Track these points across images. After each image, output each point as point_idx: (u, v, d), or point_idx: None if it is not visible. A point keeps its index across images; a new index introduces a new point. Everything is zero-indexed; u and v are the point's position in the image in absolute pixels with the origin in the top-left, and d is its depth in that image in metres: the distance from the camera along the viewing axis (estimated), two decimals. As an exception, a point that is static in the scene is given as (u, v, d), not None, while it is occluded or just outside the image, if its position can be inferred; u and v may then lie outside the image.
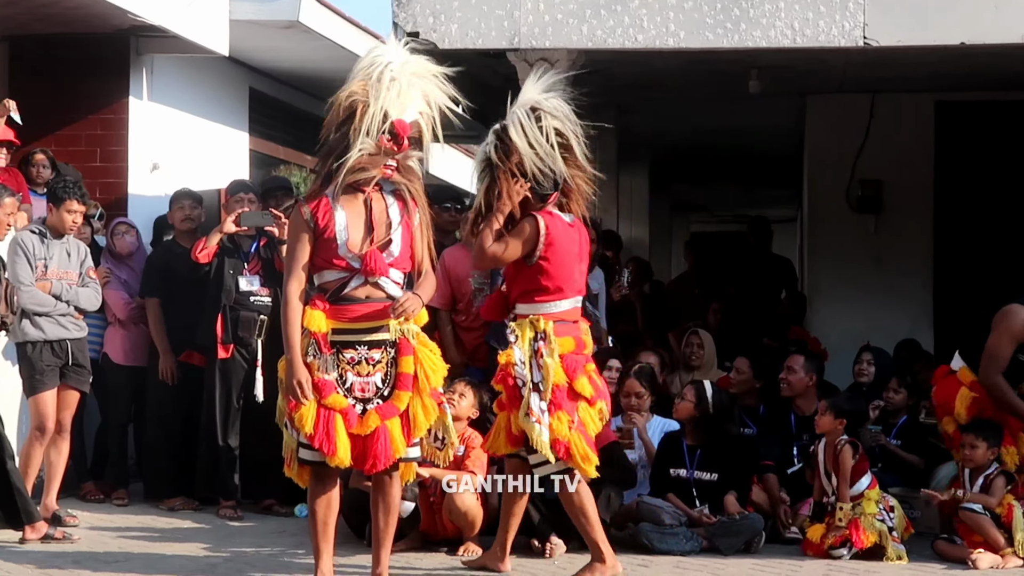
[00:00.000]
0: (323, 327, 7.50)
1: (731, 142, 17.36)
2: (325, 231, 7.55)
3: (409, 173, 7.75)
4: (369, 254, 7.55)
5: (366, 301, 7.58)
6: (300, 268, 7.57)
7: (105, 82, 12.75)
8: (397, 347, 7.58)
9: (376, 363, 7.56)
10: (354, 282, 7.57)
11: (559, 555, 8.98)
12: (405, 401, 7.57)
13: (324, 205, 7.61)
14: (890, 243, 14.14)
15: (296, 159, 16.24)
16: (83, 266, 10.08)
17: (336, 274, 7.59)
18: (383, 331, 7.57)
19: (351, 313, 7.56)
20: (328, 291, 7.59)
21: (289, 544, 9.44)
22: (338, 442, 7.45)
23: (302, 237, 7.59)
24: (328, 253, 7.57)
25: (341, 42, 14.25)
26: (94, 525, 10.03)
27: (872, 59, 11.52)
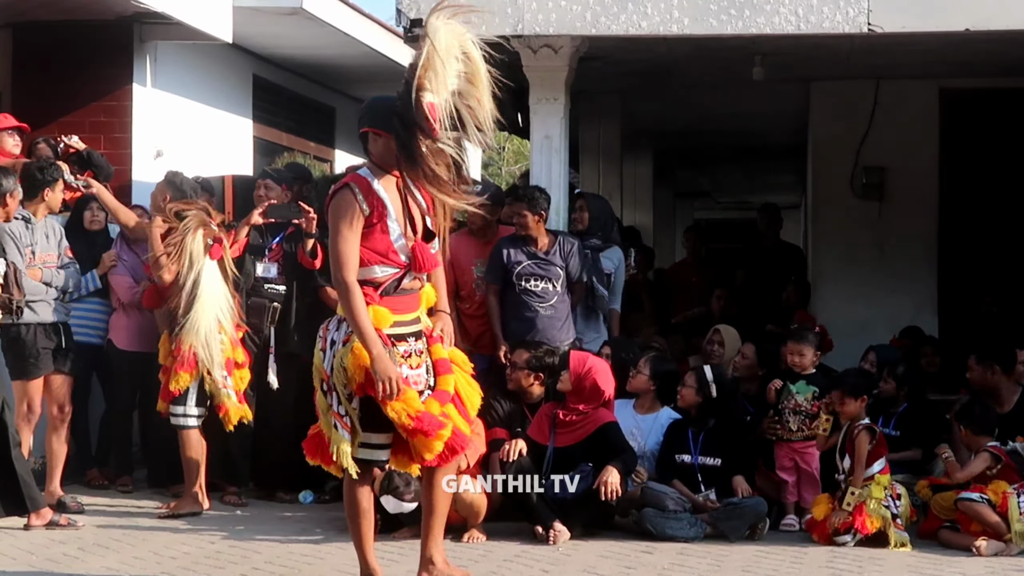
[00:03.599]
0: (387, 322, 7.15)
1: (735, 129, 17.36)
2: (378, 223, 7.15)
3: (439, 157, 7.21)
4: (419, 248, 7.23)
5: (411, 292, 7.32)
6: (356, 258, 7.11)
7: (108, 69, 12.75)
8: (426, 336, 7.36)
9: (420, 353, 7.28)
10: (408, 277, 7.26)
11: (562, 542, 8.99)
12: (452, 384, 7.32)
13: (372, 192, 7.18)
14: (894, 229, 14.13)
15: (300, 146, 16.25)
16: (60, 247, 10.06)
17: (389, 269, 7.18)
18: (420, 322, 7.34)
19: (403, 307, 7.25)
20: (380, 286, 7.19)
21: (293, 531, 9.46)
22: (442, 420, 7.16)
23: (355, 226, 7.10)
24: (381, 246, 7.15)
25: (345, 29, 14.27)
26: (99, 511, 10.04)
27: (876, 45, 11.51)
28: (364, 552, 7.43)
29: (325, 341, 7.30)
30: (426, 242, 7.26)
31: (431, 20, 6.97)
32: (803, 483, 9.79)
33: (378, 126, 7.20)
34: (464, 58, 7.10)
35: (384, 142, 7.17)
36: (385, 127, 7.12)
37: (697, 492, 9.54)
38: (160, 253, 10.06)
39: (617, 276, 11.24)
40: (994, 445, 9.30)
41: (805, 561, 8.66)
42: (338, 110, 17.53)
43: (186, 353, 9.96)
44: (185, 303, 9.91)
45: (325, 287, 10.74)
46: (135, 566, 8.29)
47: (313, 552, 8.75)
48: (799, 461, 9.80)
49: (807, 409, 9.78)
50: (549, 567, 8.34)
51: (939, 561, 8.65)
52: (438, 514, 7.49)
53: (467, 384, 7.45)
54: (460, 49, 7.08)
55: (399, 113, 7.01)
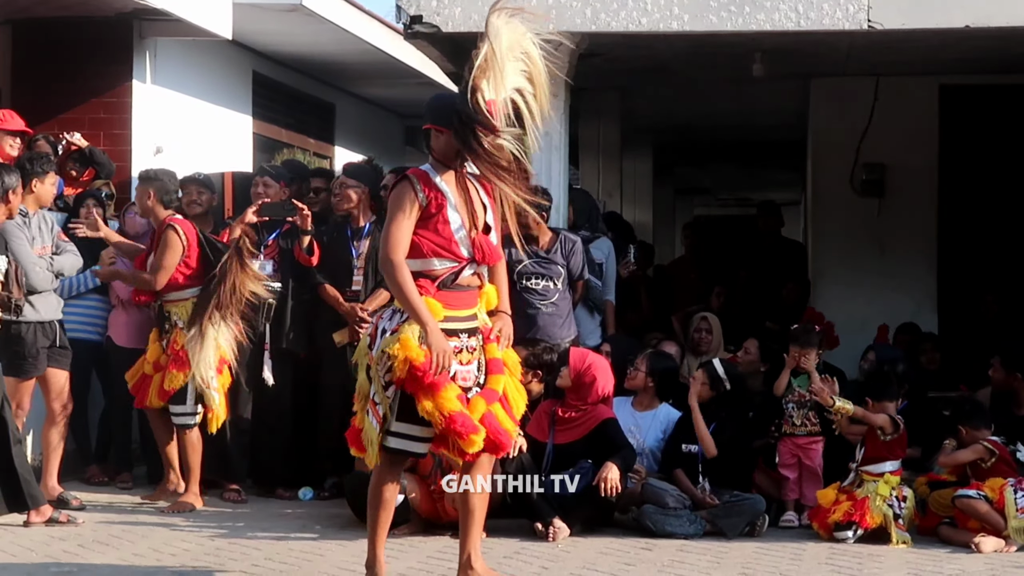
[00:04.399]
0: (439, 315, 7.10)
1: (735, 125, 17.35)
2: (436, 215, 7.14)
3: (499, 152, 7.17)
4: (481, 241, 7.21)
5: (468, 289, 7.29)
6: (406, 242, 7.10)
7: (108, 65, 12.73)
8: (482, 334, 7.33)
9: (473, 351, 7.25)
10: (467, 271, 7.24)
11: (562, 538, 9.00)
12: (502, 384, 7.30)
13: (432, 184, 7.18)
14: (894, 226, 14.13)
15: (300, 142, 16.25)
16: (53, 233, 10.05)
17: (448, 263, 7.16)
18: (476, 319, 7.31)
19: (457, 302, 7.21)
20: (436, 279, 7.17)
21: (293, 527, 9.45)
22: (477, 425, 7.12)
23: (410, 214, 7.10)
24: (440, 240, 7.14)
25: (344, 25, 14.26)
26: (98, 508, 10.04)
27: (876, 42, 11.50)
28: (375, 543, 7.41)
29: (376, 328, 7.29)
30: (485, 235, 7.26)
31: (492, 19, 7.03)
32: (805, 479, 9.80)
33: (439, 122, 7.24)
34: (525, 57, 7.17)
35: (445, 138, 7.21)
36: (446, 123, 7.17)
37: (696, 482, 9.56)
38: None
39: (608, 266, 11.28)
40: (992, 440, 9.30)
41: (804, 557, 8.66)
42: (338, 106, 17.52)
43: (180, 352, 9.99)
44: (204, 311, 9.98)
45: (324, 284, 10.76)
46: (134, 563, 8.29)
47: (312, 549, 8.74)
48: (802, 457, 9.81)
49: (811, 401, 9.79)
50: (549, 564, 8.33)
51: (939, 557, 8.66)
52: (475, 515, 7.43)
53: (515, 388, 7.43)
54: (521, 48, 7.15)
55: (458, 110, 7.07)
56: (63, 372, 9.95)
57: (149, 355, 10.31)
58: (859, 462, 9.36)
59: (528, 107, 7.20)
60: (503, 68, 7.05)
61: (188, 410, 10.16)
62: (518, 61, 7.16)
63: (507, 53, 7.06)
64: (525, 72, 7.20)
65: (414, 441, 7.22)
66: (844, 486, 9.33)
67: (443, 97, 7.46)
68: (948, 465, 9.39)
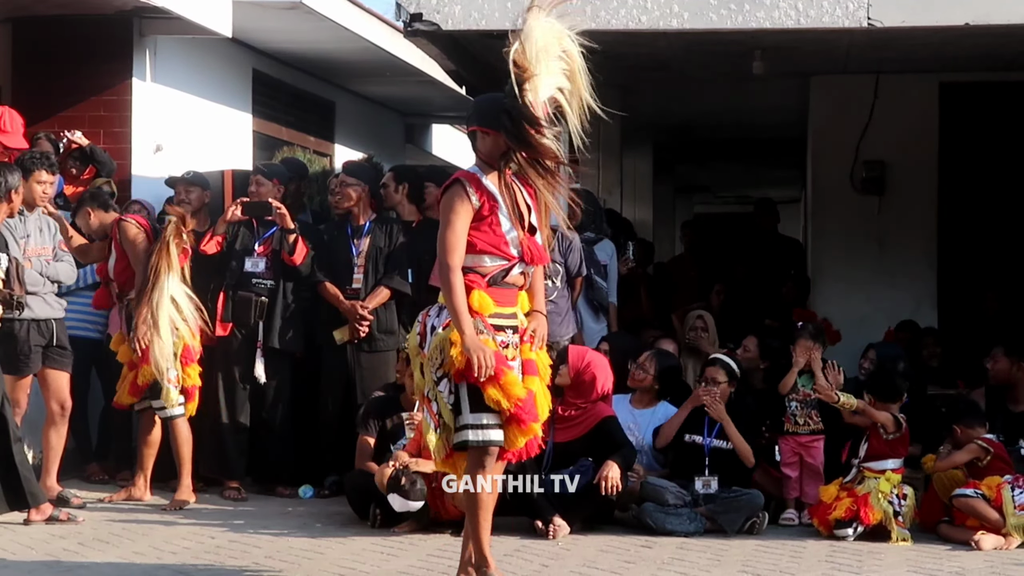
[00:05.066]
0: (489, 310, 7.13)
1: (735, 123, 17.35)
2: (488, 216, 7.13)
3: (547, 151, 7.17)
4: (529, 241, 7.22)
5: (513, 288, 7.27)
6: (463, 246, 7.10)
7: (108, 64, 12.72)
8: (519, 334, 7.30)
9: (517, 347, 7.25)
10: (516, 269, 7.24)
11: (562, 536, 9.00)
12: (534, 386, 7.26)
13: (482, 186, 7.17)
14: (894, 224, 14.13)
15: (300, 141, 16.23)
16: (55, 240, 10.05)
17: (498, 260, 7.17)
18: (516, 318, 7.29)
19: (504, 299, 7.21)
20: (486, 275, 7.17)
21: (293, 525, 9.46)
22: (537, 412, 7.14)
23: (463, 217, 7.10)
24: (492, 239, 7.15)
25: (344, 23, 14.24)
26: (99, 507, 10.04)
27: (876, 40, 11.49)
28: (481, 545, 7.25)
29: (424, 326, 7.28)
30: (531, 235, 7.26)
31: (528, 19, 7.01)
32: (806, 477, 9.80)
33: (486, 124, 7.20)
34: (564, 54, 7.14)
35: (492, 139, 7.17)
36: (494, 125, 7.13)
37: (701, 475, 9.58)
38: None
39: (611, 268, 11.29)
40: (986, 438, 9.30)
41: (805, 555, 8.66)
42: (338, 105, 17.51)
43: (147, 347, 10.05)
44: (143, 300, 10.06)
45: (324, 282, 10.77)
46: (135, 561, 8.29)
47: (313, 547, 8.75)
48: (804, 455, 9.82)
49: (813, 399, 9.80)
50: (549, 561, 8.34)
51: (939, 555, 8.66)
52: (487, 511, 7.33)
53: (542, 392, 7.37)
54: (559, 46, 7.12)
55: (507, 109, 7.02)
56: (63, 373, 9.94)
57: (121, 358, 10.35)
58: (861, 458, 9.37)
59: (569, 105, 7.18)
60: (542, 66, 7.01)
61: (166, 402, 10.22)
62: (557, 59, 7.12)
63: (545, 51, 7.02)
64: (565, 70, 7.18)
65: (491, 430, 7.13)
66: (846, 482, 9.34)
67: (489, 98, 7.35)
68: (945, 468, 9.38)
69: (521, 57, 6.98)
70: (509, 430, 7.11)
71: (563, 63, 7.17)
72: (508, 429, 7.11)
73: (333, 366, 10.86)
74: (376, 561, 8.32)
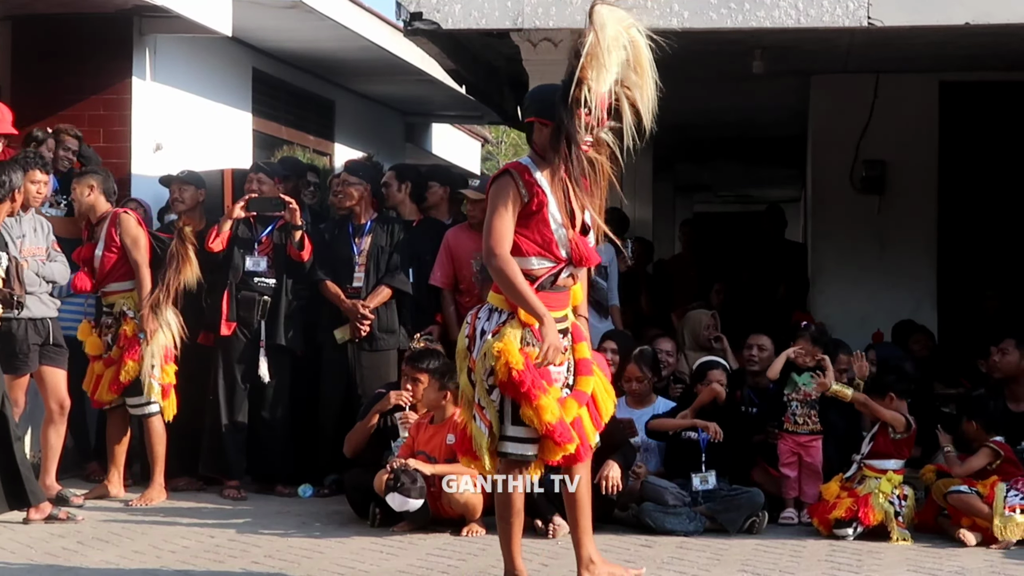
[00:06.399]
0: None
1: (735, 122, 17.34)
2: (537, 212, 7.01)
3: (601, 147, 7.15)
4: (579, 243, 7.08)
5: (564, 291, 7.15)
6: (510, 235, 6.96)
7: (108, 62, 12.73)
8: (571, 334, 7.22)
9: (566, 351, 7.12)
10: (564, 272, 7.09)
11: (562, 535, 8.99)
12: (591, 386, 7.20)
13: (533, 179, 7.04)
14: (894, 223, 14.13)
15: (299, 139, 16.25)
16: (48, 240, 10.05)
17: (547, 262, 7.05)
18: (567, 320, 7.19)
19: (556, 304, 7.05)
20: (536, 279, 7.01)
21: (293, 524, 9.45)
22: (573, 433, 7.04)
23: (512, 208, 6.97)
24: (541, 238, 7.02)
25: (344, 22, 14.26)
26: (98, 505, 10.04)
27: (876, 39, 11.49)
28: (512, 552, 7.27)
29: (473, 329, 7.15)
30: (583, 235, 7.15)
31: (597, 8, 6.90)
32: (805, 477, 9.80)
33: (543, 115, 7.10)
34: (631, 45, 7.04)
35: (548, 131, 7.07)
36: (550, 116, 7.04)
37: (698, 471, 9.59)
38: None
39: (611, 270, 11.28)
40: (997, 440, 9.30)
41: (804, 555, 8.66)
42: (337, 103, 17.51)
43: (132, 340, 10.06)
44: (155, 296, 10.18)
45: (325, 281, 10.77)
46: (134, 560, 8.29)
47: (312, 546, 8.74)
48: (803, 455, 9.81)
49: (814, 399, 9.81)
50: (549, 560, 8.34)
51: (938, 555, 8.65)
52: (582, 509, 7.36)
53: (604, 390, 7.32)
54: (627, 37, 7.01)
55: (562, 101, 6.95)
56: (60, 371, 9.94)
57: (90, 350, 10.37)
58: (864, 455, 9.37)
59: (634, 98, 7.10)
60: (608, 58, 6.90)
61: (149, 399, 10.26)
62: (623, 50, 7.01)
63: (612, 43, 6.91)
64: (630, 63, 7.07)
65: (527, 444, 7.09)
66: (847, 479, 9.34)
67: (547, 88, 7.23)
68: (965, 475, 9.29)
69: (595, 48, 6.84)
70: (545, 444, 7.06)
71: (628, 54, 7.04)
72: (544, 442, 7.06)
73: (334, 365, 10.86)
74: (375, 560, 8.32)
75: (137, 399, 10.29)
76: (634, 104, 7.10)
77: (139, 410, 10.32)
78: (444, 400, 9.40)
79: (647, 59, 7.09)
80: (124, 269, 10.36)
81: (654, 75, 7.13)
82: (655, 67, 7.13)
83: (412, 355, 9.93)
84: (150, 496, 10.22)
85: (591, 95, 6.90)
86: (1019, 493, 8.98)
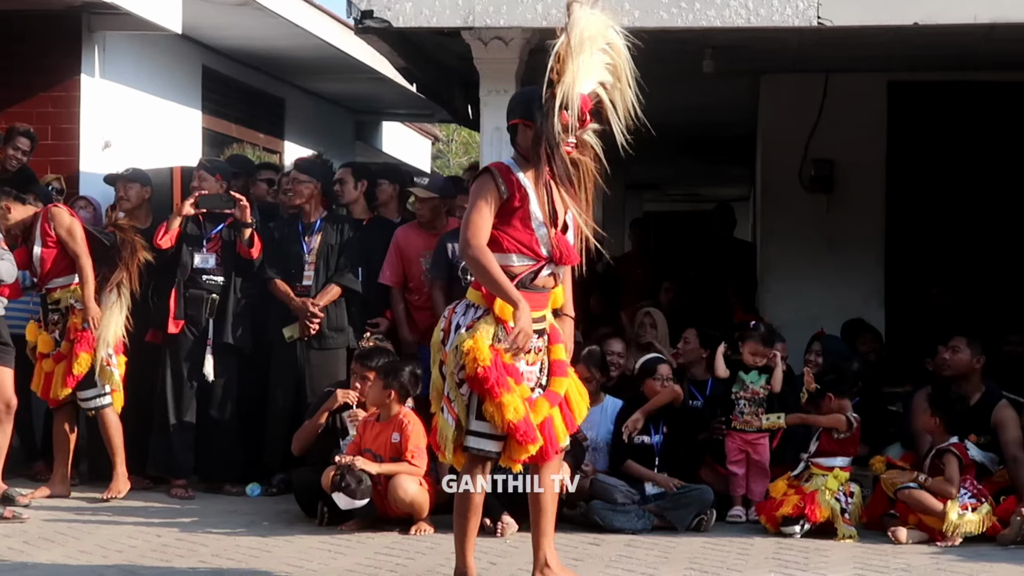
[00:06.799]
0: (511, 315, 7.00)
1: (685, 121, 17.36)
2: (518, 210, 7.05)
3: (585, 149, 7.24)
4: (560, 241, 7.14)
5: (543, 291, 7.18)
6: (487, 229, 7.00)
7: (56, 59, 12.66)
8: (548, 335, 7.23)
9: (539, 352, 7.16)
10: (545, 271, 7.13)
11: (510, 534, 9.01)
12: (564, 387, 7.22)
13: (514, 178, 7.08)
14: (842, 222, 14.16)
15: (249, 137, 16.20)
16: None
17: (527, 260, 7.09)
18: (544, 320, 7.20)
19: (533, 303, 7.03)
20: (515, 277, 7.04)
21: (240, 524, 9.43)
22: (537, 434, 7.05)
23: (491, 204, 7.01)
24: (521, 236, 7.06)
25: (295, 20, 14.23)
26: (44, 505, 9.98)
27: (826, 39, 11.52)
28: (465, 551, 7.28)
29: (449, 323, 7.19)
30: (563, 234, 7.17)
31: (575, 10, 6.98)
32: (753, 475, 9.84)
33: (528, 117, 7.15)
34: (609, 48, 7.11)
35: (532, 133, 7.12)
36: (533, 118, 7.10)
37: None
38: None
39: None
40: (958, 444, 9.28)
41: (752, 552, 8.69)
42: (288, 101, 17.48)
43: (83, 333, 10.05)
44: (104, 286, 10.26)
45: (275, 280, 10.74)
46: (80, 559, 8.25)
47: (260, 545, 8.72)
48: (751, 452, 9.85)
49: (762, 397, 9.85)
50: (497, 559, 8.34)
51: (885, 552, 8.70)
52: (545, 512, 7.38)
53: (578, 392, 7.35)
54: (605, 39, 7.09)
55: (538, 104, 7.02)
56: (6, 369, 9.86)
57: (43, 347, 10.34)
58: (811, 453, 9.41)
59: (611, 100, 7.18)
60: (580, 60, 6.97)
61: (100, 391, 10.27)
62: (602, 53, 7.08)
63: (591, 41, 6.99)
64: (609, 65, 7.14)
65: (490, 440, 7.11)
66: (793, 477, 9.37)
67: (529, 91, 7.28)
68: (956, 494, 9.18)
69: (565, 50, 6.93)
70: (510, 443, 7.08)
71: (607, 57, 7.11)
72: (509, 441, 7.08)
73: (282, 363, 10.83)
74: (323, 559, 8.31)
75: (89, 391, 10.24)
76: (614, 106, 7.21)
77: (91, 403, 10.27)
78: (388, 398, 9.38)
79: (626, 62, 7.20)
80: (64, 263, 10.32)
81: (634, 78, 7.25)
82: (635, 70, 7.24)
83: (361, 353, 9.95)
84: (117, 488, 10.20)
85: (568, 97, 6.96)
86: (968, 492, 9.04)
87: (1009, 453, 9.47)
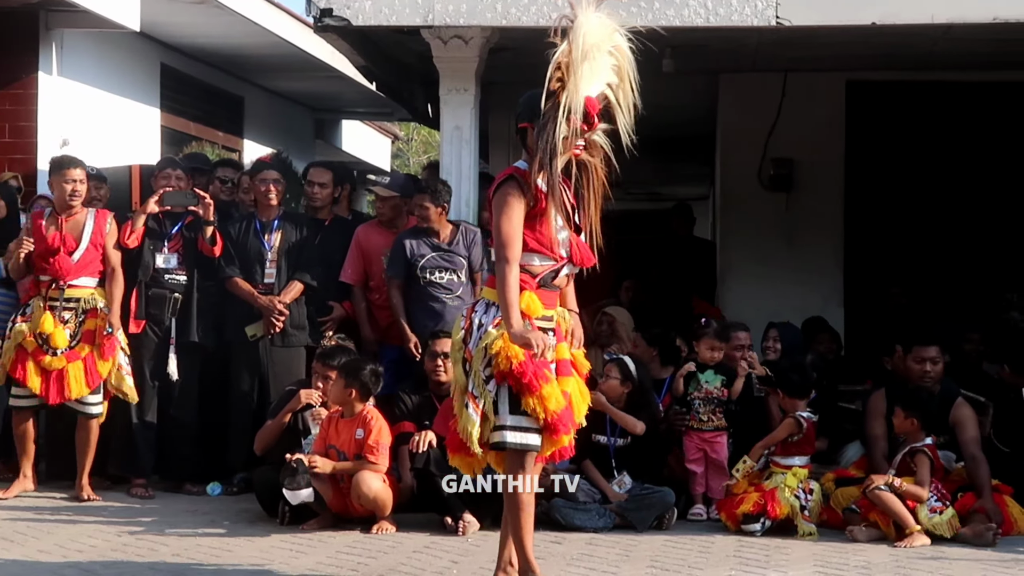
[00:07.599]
0: (538, 312, 7.09)
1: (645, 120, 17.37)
2: (542, 214, 7.11)
3: (594, 150, 7.31)
4: (577, 242, 7.21)
5: (557, 290, 7.25)
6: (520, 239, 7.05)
7: (14, 57, 12.61)
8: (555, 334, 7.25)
9: (553, 348, 7.17)
10: (564, 270, 7.23)
11: (472, 532, 9.00)
12: (570, 386, 7.23)
13: (536, 183, 7.09)
14: (801, 221, 14.23)
15: (208, 135, 16.17)
16: None
17: (547, 261, 7.17)
18: (553, 319, 7.24)
19: (548, 301, 7.18)
20: (536, 275, 7.15)
21: (201, 523, 9.40)
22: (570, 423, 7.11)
23: (520, 210, 7.06)
24: (543, 238, 7.14)
25: (254, 18, 14.21)
26: (3, 504, 9.93)
27: (784, 38, 11.57)
28: (525, 549, 7.25)
29: (469, 322, 7.21)
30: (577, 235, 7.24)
31: (580, 14, 6.98)
32: (711, 473, 9.87)
33: (535, 120, 7.14)
34: (615, 51, 7.12)
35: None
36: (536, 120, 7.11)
37: (610, 474, 9.61)
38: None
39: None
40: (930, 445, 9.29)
41: (713, 550, 8.71)
42: (247, 99, 17.44)
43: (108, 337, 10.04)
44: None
45: (234, 278, 10.71)
46: (40, 559, 8.20)
47: (221, 544, 8.70)
48: (708, 451, 9.88)
49: (718, 397, 9.89)
50: (458, 558, 8.34)
51: (845, 550, 8.73)
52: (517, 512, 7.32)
53: (580, 393, 7.35)
54: (611, 43, 7.10)
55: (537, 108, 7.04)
56: None
57: (59, 342, 10.20)
58: (771, 452, 9.45)
59: (617, 101, 7.20)
60: (590, 67, 7.01)
61: (100, 399, 10.21)
62: (608, 56, 7.10)
63: (597, 47, 7.01)
64: (615, 66, 7.16)
65: (533, 433, 7.11)
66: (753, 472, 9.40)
67: (537, 95, 7.19)
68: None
69: (565, 58, 6.96)
70: (543, 437, 7.11)
71: (613, 59, 7.14)
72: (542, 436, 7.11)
73: (244, 362, 10.79)
74: (285, 558, 8.29)
75: (95, 396, 10.21)
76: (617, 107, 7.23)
77: (91, 408, 10.21)
78: (350, 397, 9.37)
79: (629, 64, 7.21)
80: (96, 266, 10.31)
81: (635, 79, 7.25)
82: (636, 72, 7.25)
83: (323, 352, 9.94)
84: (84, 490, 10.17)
85: (573, 106, 6.99)
86: (934, 495, 9.07)
87: (968, 452, 9.50)
